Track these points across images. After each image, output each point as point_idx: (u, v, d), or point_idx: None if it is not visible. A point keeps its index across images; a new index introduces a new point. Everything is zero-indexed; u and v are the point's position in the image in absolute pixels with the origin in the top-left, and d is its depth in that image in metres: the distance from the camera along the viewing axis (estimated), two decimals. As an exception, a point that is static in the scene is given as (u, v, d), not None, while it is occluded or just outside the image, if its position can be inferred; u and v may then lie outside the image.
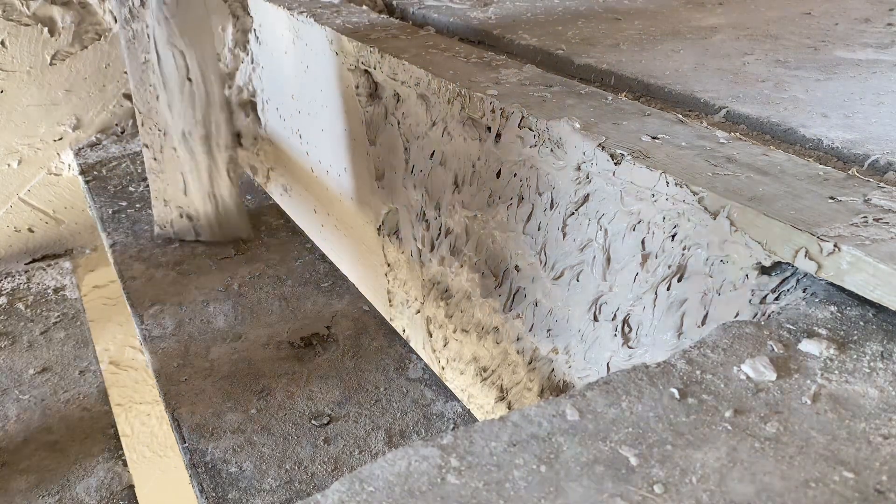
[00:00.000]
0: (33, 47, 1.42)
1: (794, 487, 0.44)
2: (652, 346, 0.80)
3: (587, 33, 1.33)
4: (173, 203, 1.19)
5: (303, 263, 1.15)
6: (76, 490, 0.94)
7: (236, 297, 1.06)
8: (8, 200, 1.52)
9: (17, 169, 1.51)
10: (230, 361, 0.93)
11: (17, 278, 1.47)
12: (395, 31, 1.27)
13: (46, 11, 1.40)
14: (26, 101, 1.46)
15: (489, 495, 0.43)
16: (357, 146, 1.34)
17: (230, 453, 0.80)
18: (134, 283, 1.10)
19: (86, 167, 1.47)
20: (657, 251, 0.77)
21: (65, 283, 1.47)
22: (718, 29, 1.35)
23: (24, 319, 1.32)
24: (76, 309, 1.36)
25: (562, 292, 0.91)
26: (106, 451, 1.01)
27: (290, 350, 0.95)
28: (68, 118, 1.52)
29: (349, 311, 1.04)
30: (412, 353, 0.96)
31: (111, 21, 1.48)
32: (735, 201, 0.65)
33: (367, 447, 0.81)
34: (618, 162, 0.77)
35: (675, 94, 1.02)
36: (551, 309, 0.94)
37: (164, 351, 0.95)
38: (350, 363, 0.93)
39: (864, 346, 0.57)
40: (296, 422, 0.84)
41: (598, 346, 0.88)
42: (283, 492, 0.75)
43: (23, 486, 0.95)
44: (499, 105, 0.94)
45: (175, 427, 0.84)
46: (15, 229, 1.55)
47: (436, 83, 1.03)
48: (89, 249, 1.64)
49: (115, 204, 1.34)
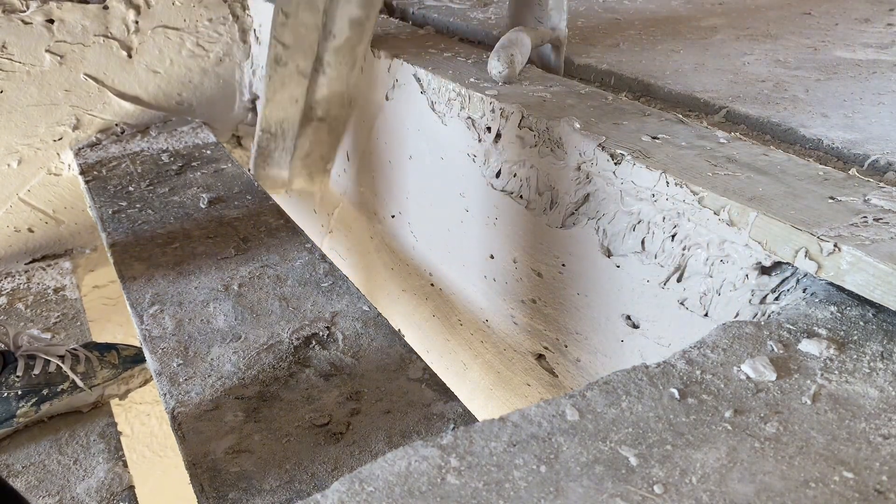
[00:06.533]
0: (33, 47, 1.42)
1: (794, 487, 0.44)
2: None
3: (587, 33, 1.33)
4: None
5: (303, 263, 1.15)
6: (76, 490, 0.94)
7: (236, 297, 1.06)
8: (8, 200, 1.52)
9: (16, 169, 1.51)
10: (230, 362, 0.93)
11: (17, 278, 1.47)
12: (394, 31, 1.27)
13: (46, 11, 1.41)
14: (26, 101, 1.46)
15: (489, 495, 0.43)
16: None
17: (231, 453, 0.80)
18: (134, 283, 1.10)
19: (86, 167, 1.47)
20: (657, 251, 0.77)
21: (65, 283, 1.47)
22: (718, 29, 1.35)
23: (24, 319, 1.32)
24: (76, 309, 1.36)
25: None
26: (106, 451, 1.01)
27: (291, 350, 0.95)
28: (68, 118, 1.52)
29: (349, 311, 1.03)
30: (412, 353, 0.96)
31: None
32: (735, 201, 0.65)
33: (368, 447, 0.81)
34: (618, 162, 0.77)
35: (675, 94, 1.02)
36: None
37: (164, 351, 0.95)
38: (350, 363, 0.93)
39: (864, 346, 0.57)
40: (296, 422, 0.84)
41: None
42: (283, 492, 0.75)
43: (23, 486, 0.95)
44: (498, 105, 0.94)
45: (175, 427, 0.84)
46: (15, 229, 1.55)
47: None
48: (89, 249, 1.64)
49: (115, 204, 1.34)
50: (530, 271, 0.98)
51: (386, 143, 1.25)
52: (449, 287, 1.22)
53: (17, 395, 1.01)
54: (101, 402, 1.09)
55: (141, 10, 1.51)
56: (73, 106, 1.51)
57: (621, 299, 0.84)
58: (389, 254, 1.38)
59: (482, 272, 1.10)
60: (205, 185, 1.41)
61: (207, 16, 1.58)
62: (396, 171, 1.25)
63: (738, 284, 0.68)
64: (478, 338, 1.19)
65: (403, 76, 1.14)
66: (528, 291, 1.01)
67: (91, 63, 1.50)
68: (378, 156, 1.30)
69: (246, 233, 1.23)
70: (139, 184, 1.41)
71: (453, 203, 1.11)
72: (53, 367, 1.04)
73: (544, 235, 0.93)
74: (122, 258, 1.17)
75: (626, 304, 0.84)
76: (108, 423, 1.06)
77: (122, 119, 1.59)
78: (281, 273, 1.12)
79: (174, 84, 1.62)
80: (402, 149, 1.21)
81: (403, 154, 1.21)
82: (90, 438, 1.03)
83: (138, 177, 1.44)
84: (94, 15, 1.47)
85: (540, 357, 1.04)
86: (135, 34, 1.52)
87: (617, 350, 0.88)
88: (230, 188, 1.39)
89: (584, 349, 0.94)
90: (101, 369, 1.08)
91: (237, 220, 1.28)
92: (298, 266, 1.14)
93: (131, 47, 1.53)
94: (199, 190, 1.38)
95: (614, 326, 0.87)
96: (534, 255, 0.97)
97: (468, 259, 1.13)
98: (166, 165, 1.48)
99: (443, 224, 1.17)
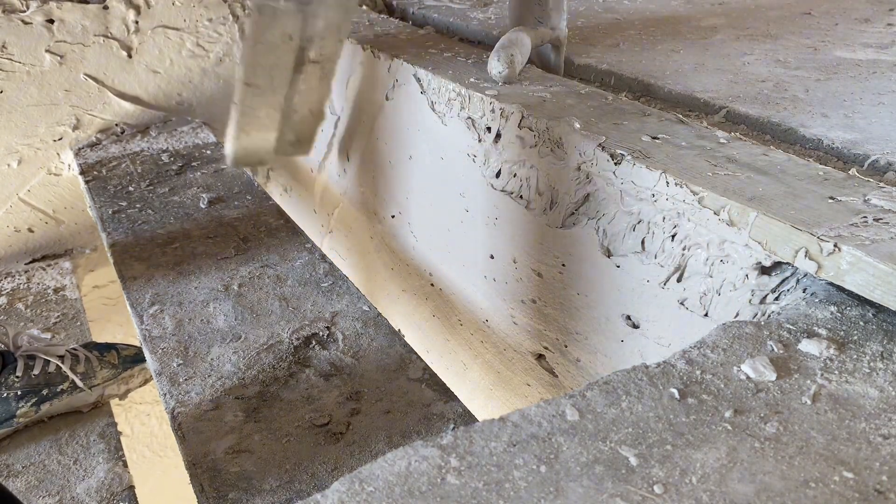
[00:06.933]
0: (33, 47, 1.42)
1: (794, 487, 0.44)
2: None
3: (587, 33, 1.33)
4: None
5: (303, 263, 1.15)
6: (76, 490, 0.94)
7: (236, 297, 1.06)
8: (8, 200, 1.52)
9: (16, 169, 1.51)
10: (230, 362, 0.93)
11: (17, 278, 1.47)
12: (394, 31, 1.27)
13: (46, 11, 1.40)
14: (26, 101, 1.46)
15: (489, 495, 0.43)
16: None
17: (231, 453, 0.80)
18: (134, 283, 1.10)
19: (86, 167, 1.47)
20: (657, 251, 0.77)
21: (65, 283, 1.47)
22: (718, 29, 1.35)
23: (24, 319, 1.32)
24: (76, 309, 1.36)
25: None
26: (106, 451, 1.01)
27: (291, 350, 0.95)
28: (68, 118, 1.52)
29: (349, 311, 1.04)
30: (412, 354, 0.96)
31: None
32: (735, 201, 0.65)
33: (368, 447, 0.81)
34: (618, 162, 0.77)
35: (675, 94, 1.02)
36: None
37: (164, 351, 0.95)
38: (350, 363, 0.93)
39: (864, 346, 0.57)
40: (296, 422, 0.84)
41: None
42: (283, 492, 0.75)
43: (22, 486, 0.95)
44: (498, 105, 0.94)
45: (175, 427, 0.84)
46: (15, 229, 1.55)
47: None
48: (89, 249, 1.64)
49: (115, 204, 1.34)
50: (530, 271, 0.98)
51: (386, 143, 1.25)
52: (449, 287, 1.22)
53: (16, 396, 1.01)
54: (102, 402, 1.09)
55: (141, 10, 1.51)
56: (73, 106, 1.51)
57: (621, 299, 0.84)
58: (389, 254, 1.38)
59: (482, 272, 1.10)
60: (205, 185, 1.41)
61: (207, 16, 1.58)
62: (396, 171, 1.25)
63: (738, 284, 0.68)
64: (478, 338, 1.19)
65: (403, 76, 1.14)
66: (528, 291, 1.01)
67: (91, 63, 1.50)
68: (378, 156, 1.30)
69: (246, 233, 1.23)
70: (139, 184, 1.41)
71: (453, 203, 1.11)
72: (53, 367, 1.04)
73: (544, 235, 0.93)
74: (122, 258, 1.17)
75: (626, 304, 0.84)
76: (108, 423, 1.06)
77: (122, 119, 1.59)
78: (281, 273, 1.12)
79: (174, 84, 1.62)
80: (402, 149, 1.21)
81: (403, 154, 1.21)
82: (90, 438, 1.03)
83: (138, 177, 1.44)
84: (94, 15, 1.47)
85: (540, 357, 1.04)
86: (135, 34, 1.52)
87: (617, 350, 0.88)
88: (230, 188, 1.39)
89: (584, 349, 0.94)
90: (101, 369, 1.08)
91: (237, 220, 1.28)
92: (298, 266, 1.14)
93: (131, 47, 1.53)
94: (199, 190, 1.38)
95: (614, 326, 0.87)
96: (534, 255, 0.97)
97: (468, 259, 1.13)
98: (166, 165, 1.48)
99: (443, 224, 1.17)
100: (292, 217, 1.29)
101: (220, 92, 1.68)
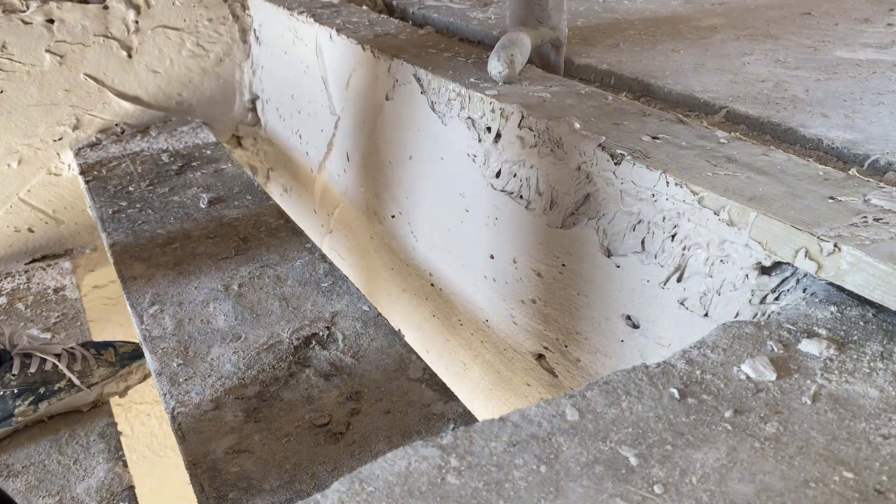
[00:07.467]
0: (33, 47, 1.42)
1: (794, 487, 0.44)
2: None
3: (587, 33, 1.33)
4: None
5: (303, 263, 1.15)
6: (76, 490, 0.94)
7: (236, 297, 1.06)
8: (8, 200, 1.52)
9: (16, 169, 1.51)
10: (230, 362, 0.93)
11: (17, 278, 1.47)
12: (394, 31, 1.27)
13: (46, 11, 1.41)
14: (26, 101, 1.46)
15: (489, 495, 0.43)
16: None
17: (231, 453, 0.80)
18: (134, 284, 1.10)
19: (86, 167, 1.47)
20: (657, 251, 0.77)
21: (65, 283, 1.47)
22: (718, 29, 1.35)
23: (24, 319, 1.32)
24: (76, 309, 1.36)
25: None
26: (105, 451, 1.01)
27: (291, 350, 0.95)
28: (68, 118, 1.52)
29: (349, 311, 1.03)
30: (412, 354, 0.96)
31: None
32: (735, 201, 0.65)
33: (368, 447, 0.81)
34: (618, 162, 0.77)
35: (675, 94, 1.02)
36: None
37: (164, 351, 0.95)
38: (350, 363, 0.93)
39: (864, 346, 0.57)
40: (296, 422, 0.84)
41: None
42: (283, 492, 0.75)
43: (22, 486, 0.95)
44: (498, 105, 0.94)
45: (175, 427, 0.84)
46: (15, 229, 1.55)
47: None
48: (89, 249, 1.64)
49: (115, 204, 1.34)
50: (530, 271, 0.98)
51: (386, 143, 1.25)
52: (449, 287, 1.22)
53: (13, 394, 1.01)
54: (101, 400, 1.08)
55: (141, 10, 1.51)
56: (73, 106, 1.51)
57: (621, 299, 0.84)
58: (389, 254, 1.38)
59: (482, 272, 1.10)
60: (205, 185, 1.41)
61: (207, 16, 1.58)
62: (396, 171, 1.25)
63: (738, 284, 0.68)
64: (478, 338, 1.19)
65: (403, 76, 1.14)
66: (528, 291, 1.01)
67: (91, 63, 1.50)
68: (378, 156, 1.30)
69: (246, 233, 1.23)
70: (139, 184, 1.41)
71: (453, 203, 1.11)
72: (50, 365, 1.04)
73: (544, 235, 0.93)
74: (122, 258, 1.17)
75: (626, 304, 0.84)
76: (107, 423, 1.06)
77: (122, 119, 1.59)
78: (281, 273, 1.12)
79: (174, 84, 1.62)
80: (402, 149, 1.21)
81: (403, 154, 1.21)
82: (90, 438, 1.03)
83: (138, 177, 1.44)
84: (94, 15, 1.47)
85: (540, 357, 1.04)
86: (135, 34, 1.52)
87: (617, 350, 0.88)
88: (230, 188, 1.39)
89: (584, 349, 0.94)
90: (99, 367, 1.08)
91: (237, 220, 1.28)
92: (298, 266, 1.14)
93: (131, 47, 1.53)
94: (199, 190, 1.38)
95: (614, 326, 0.87)
96: (534, 255, 0.97)
97: (468, 259, 1.13)
98: (166, 165, 1.48)
99: (443, 224, 1.17)
100: (292, 217, 1.29)
101: (220, 92, 1.68)
